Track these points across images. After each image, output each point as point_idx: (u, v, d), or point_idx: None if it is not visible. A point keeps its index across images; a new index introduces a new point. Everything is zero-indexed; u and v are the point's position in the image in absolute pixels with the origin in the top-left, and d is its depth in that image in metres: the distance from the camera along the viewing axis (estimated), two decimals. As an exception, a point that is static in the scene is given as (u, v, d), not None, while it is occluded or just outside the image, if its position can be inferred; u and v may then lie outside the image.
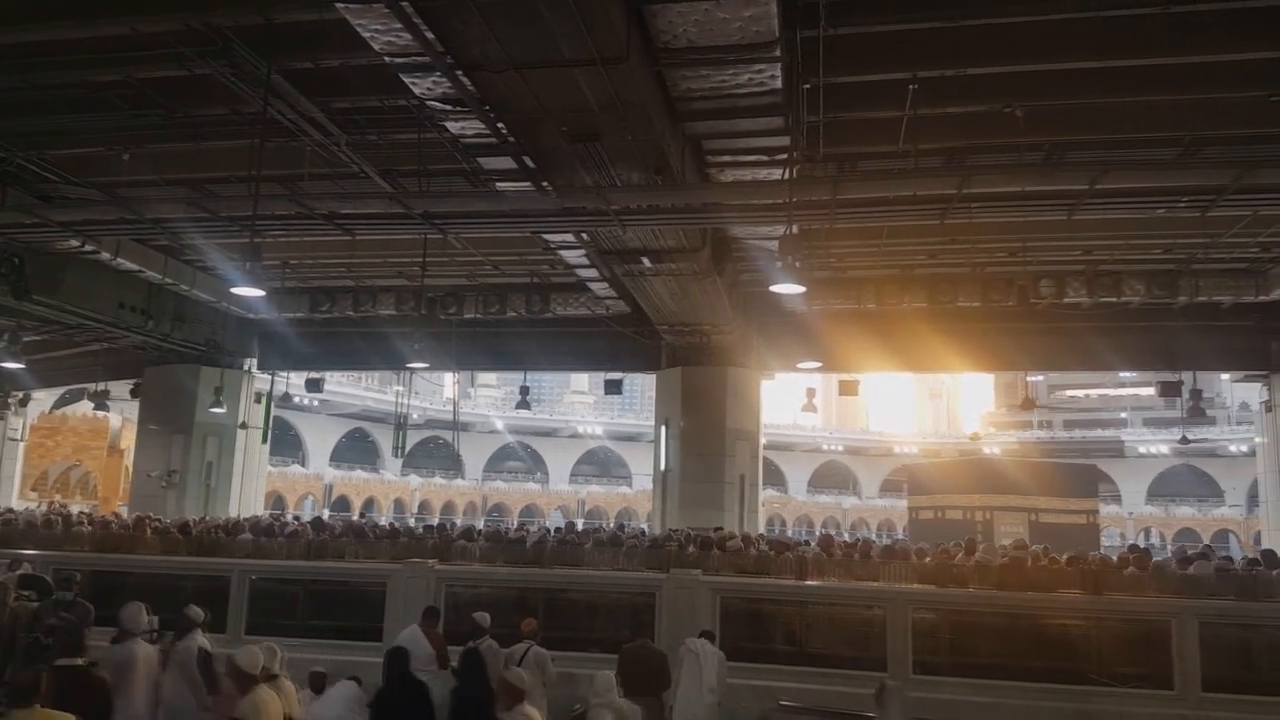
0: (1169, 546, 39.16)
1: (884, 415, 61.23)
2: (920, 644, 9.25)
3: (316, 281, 18.08)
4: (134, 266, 15.66)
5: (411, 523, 31.04)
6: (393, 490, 48.20)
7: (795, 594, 10.05)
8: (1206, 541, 42.46)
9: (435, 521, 40.13)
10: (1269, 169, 9.13)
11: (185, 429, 19.93)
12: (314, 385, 22.20)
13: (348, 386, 46.04)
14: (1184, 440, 25.33)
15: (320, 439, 48.74)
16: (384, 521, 24.47)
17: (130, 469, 22.78)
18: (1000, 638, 9.38)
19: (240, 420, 20.34)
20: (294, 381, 22.86)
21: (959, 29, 8.35)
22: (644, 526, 29.83)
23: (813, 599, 10.04)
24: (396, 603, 10.10)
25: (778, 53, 7.70)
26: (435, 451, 52.72)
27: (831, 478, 57.72)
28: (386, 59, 7.65)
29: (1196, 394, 17.51)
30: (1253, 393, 18.73)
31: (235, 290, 13.81)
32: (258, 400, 21.18)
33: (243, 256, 10.82)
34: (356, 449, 51.38)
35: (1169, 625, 8.84)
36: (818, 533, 42.60)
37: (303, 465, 47.10)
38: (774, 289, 13.15)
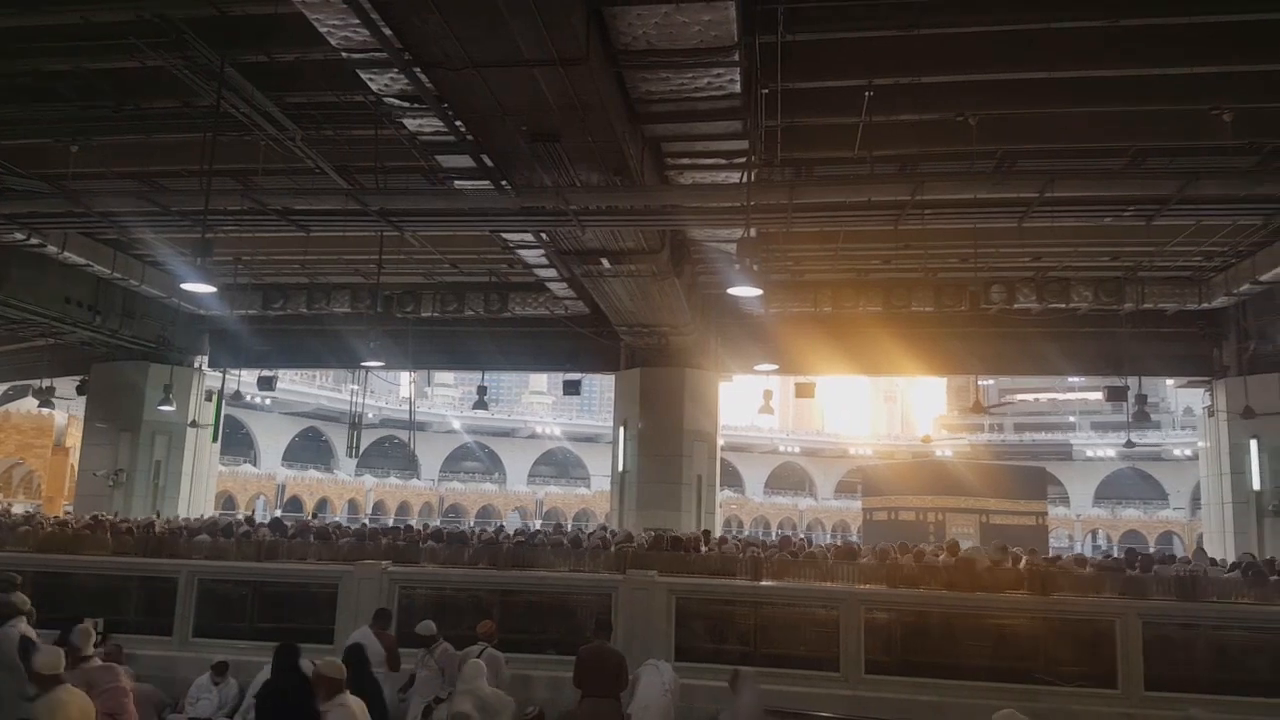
0: (1115, 548, 40.11)
1: (840, 417, 61.96)
2: (872, 643, 9.35)
3: (270, 278, 17.81)
4: (81, 261, 15.29)
5: (366, 523, 30.68)
6: (347, 490, 47.57)
7: (751, 595, 10.11)
8: (1152, 543, 43.68)
9: (395, 522, 39.70)
10: (1211, 180, 9.42)
11: (133, 427, 19.51)
12: (266, 383, 21.83)
13: (301, 385, 45.34)
14: (1129, 444, 25.99)
15: (273, 438, 47.94)
16: (336, 522, 24.13)
17: (76, 468, 22.23)
18: (950, 637, 9.52)
19: (190, 418, 19.98)
20: (246, 379, 22.47)
21: (913, 38, 8.51)
22: (608, 526, 29.78)
23: (768, 600, 10.11)
24: (348, 604, 9.97)
25: (736, 57, 7.76)
26: (391, 451, 52.14)
27: (788, 479, 58.17)
28: (344, 54, 7.57)
29: (1142, 399, 17.96)
30: (1196, 398, 19.31)
31: (186, 286, 13.57)
32: (208, 398, 20.82)
33: (194, 252, 10.64)
34: (310, 448, 50.62)
35: (1113, 625, 9.05)
36: (774, 534, 42.96)
37: (254, 465, 46.29)
38: (732, 292, 13.26)
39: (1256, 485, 16.76)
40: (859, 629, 9.30)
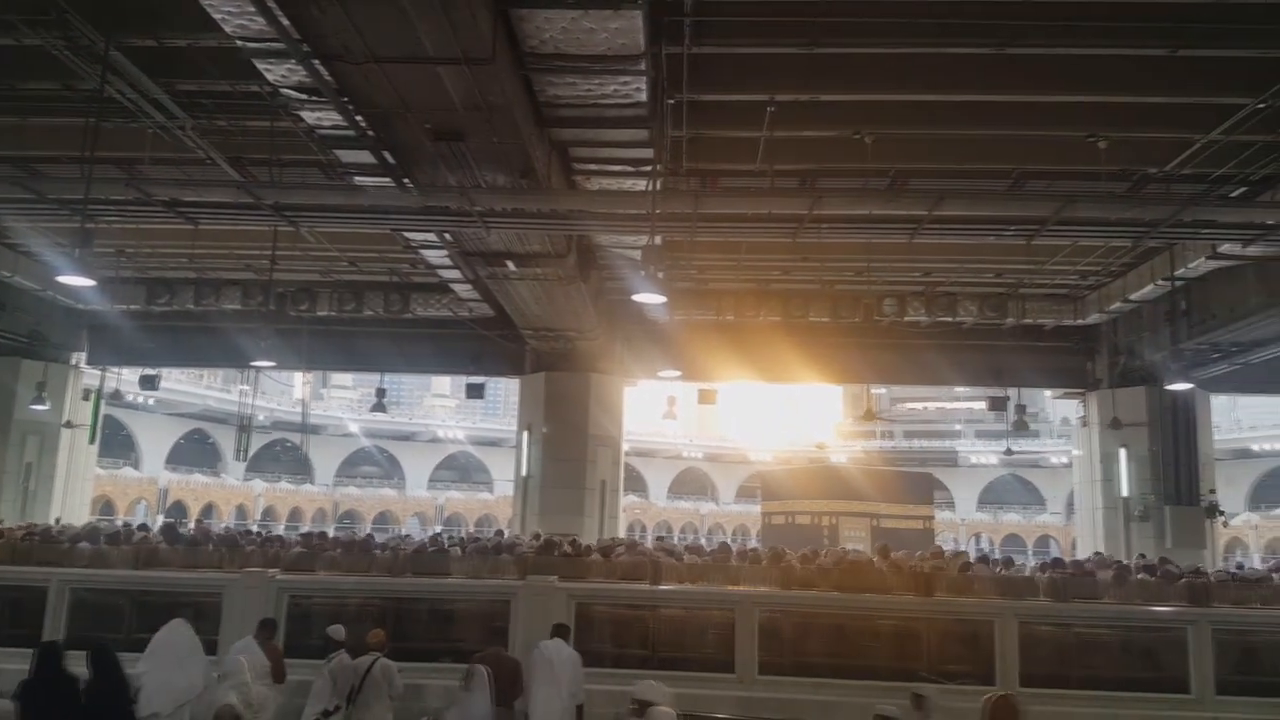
0: (997, 551, 42.00)
1: (742, 423, 62.95)
2: (766, 645, 9.55)
3: (155, 271, 16.98)
4: (-57, 248, 14.28)
5: (253, 528, 29.49)
6: (235, 495, 45.65)
7: (650, 598, 10.20)
8: (1030, 546, 45.92)
9: (286, 529, 38.36)
10: (1086, 204, 10.00)
11: (2, 428, 18.29)
12: (149, 382, 20.76)
13: (187, 384, 43.32)
14: (1009, 452, 27.34)
15: (156, 440, 45.66)
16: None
17: (-66, 470, 20.67)
18: (841, 638, 9.81)
19: (65, 418, 18.88)
20: (127, 378, 21.33)
21: (813, 56, 8.77)
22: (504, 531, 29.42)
23: (666, 603, 10.21)
24: (233, 614, 9.60)
25: (643, 66, 7.85)
26: (283, 455, 50.35)
27: (691, 484, 58.81)
28: (239, 42, 7.32)
29: (1021, 409, 18.95)
30: (1071, 409, 20.38)
31: (62, 279, 12.77)
32: (85, 397, 19.71)
33: (72, 242, 10.06)
34: (196, 451, 48.39)
35: (992, 625, 9.49)
36: (676, 538, 43.30)
37: (135, 468, 43.99)
38: (637, 298, 13.35)
39: (1124, 492, 17.84)
40: (753, 631, 9.50)
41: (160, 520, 29.97)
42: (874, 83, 9.44)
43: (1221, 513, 18.25)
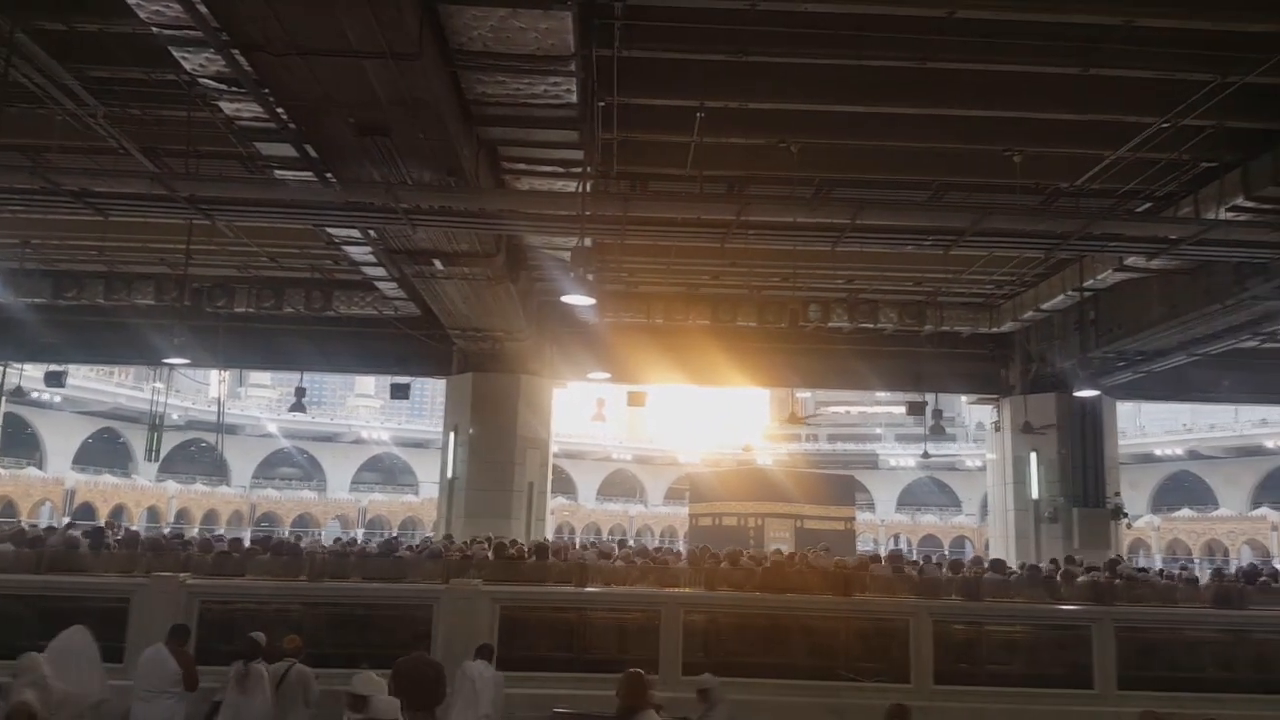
0: (915, 551, 43.11)
1: (671, 426, 63.29)
2: (690, 646, 9.61)
3: (63, 264, 16.24)
4: None
5: (167, 531, 28.47)
6: (146, 497, 43.93)
7: (575, 601, 10.17)
8: (947, 546, 47.24)
9: (201, 532, 37.08)
10: (1001, 216, 10.33)
11: (-112, 425, 17.31)
12: (55, 379, 19.86)
13: (96, 382, 41.61)
14: (926, 455, 28.11)
15: (62, 439, 43.72)
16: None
17: None
18: (764, 638, 9.93)
19: (-40, 416, 17.93)
20: (31, 374, 20.38)
21: (742, 64, 8.89)
22: (431, 536, 29.11)
23: (592, 605, 10.20)
24: (142, 620, 9.22)
25: (573, 68, 7.83)
26: (198, 456, 48.71)
27: (621, 486, 58.91)
28: (154, 29, 7.05)
29: (938, 414, 19.54)
30: (986, 414, 21.09)
31: (-41, 270, 12.17)
32: (-16, 394, 18.75)
33: (-31, 232, 9.56)
34: (105, 451, 46.48)
35: (908, 624, 9.73)
36: (607, 539, 43.25)
37: (40, 468, 42.01)
38: (566, 300, 13.32)
39: (1035, 494, 18.53)
40: (678, 632, 9.55)
41: (65, 522, 28.66)
42: (801, 92, 9.63)
43: (1126, 515, 19.12)
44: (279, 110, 8.21)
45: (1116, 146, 10.38)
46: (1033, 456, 18.54)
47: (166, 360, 17.44)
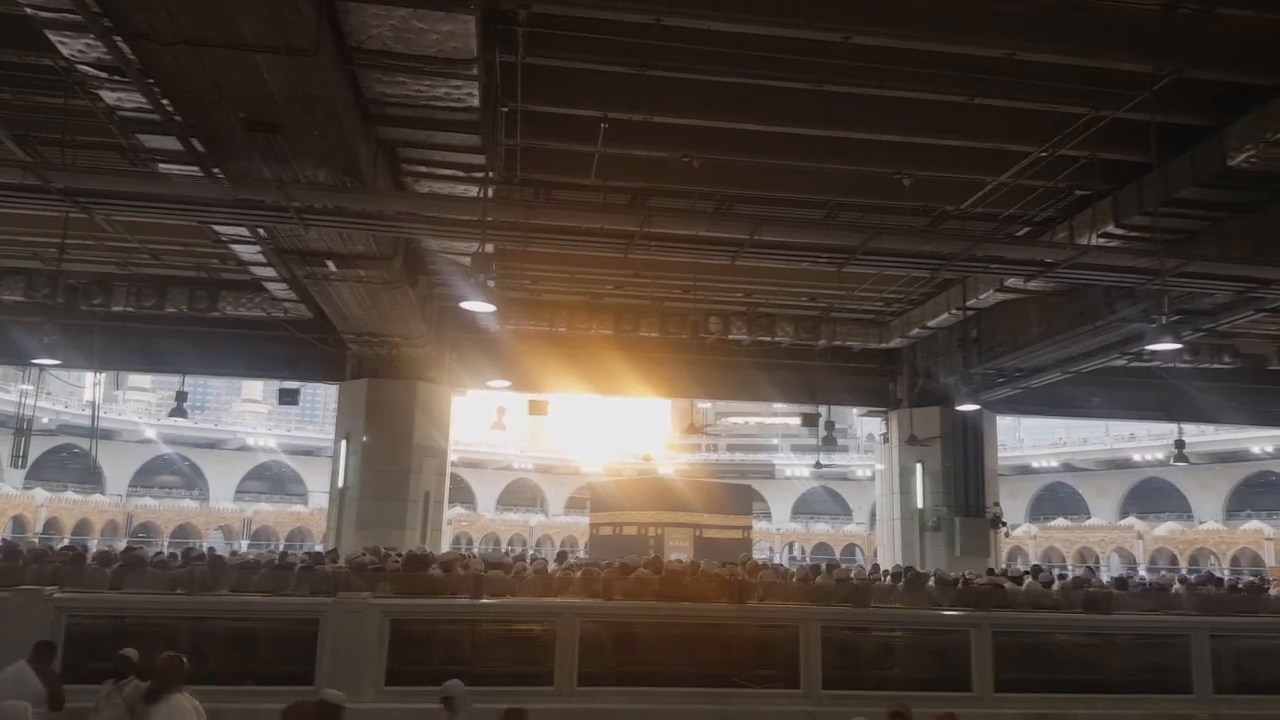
0: (808, 558, 44.15)
1: (573, 435, 63.13)
2: (587, 656, 9.58)
3: (-80, 257, 15.11)
4: None
5: (36, 541, 26.66)
6: (11, 506, 41.09)
7: (469, 613, 10.02)
8: (838, 553, 48.55)
9: (71, 542, 34.84)
10: (890, 236, 10.71)
11: None
12: (-94, 379, 18.46)
13: (-44, 383, 38.80)
14: (818, 465, 28.86)
15: (-84, 444, 40.51)
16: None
17: None
18: (658, 647, 9.99)
19: None
20: (-122, 373, 18.84)
21: (646, 78, 8.98)
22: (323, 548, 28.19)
23: (487, 617, 10.06)
24: (2, 637, 8.63)
25: (475, 72, 7.75)
26: (69, 462, 45.87)
27: (521, 495, 58.35)
28: (29, 10, 6.65)
29: (831, 425, 20.12)
30: (876, 425, 21.79)
31: None
32: None
33: None
34: (-34, 457, 43.28)
35: (798, 630, 9.94)
36: (504, 549, 42.78)
37: (-112, 475, 38.88)
38: (466, 306, 13.15)
39: (920, 504, 19.24)
40: (574, 642, 9.51)
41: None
42: (703, 109, 9.79)
43: (1005, 523, 20.05)
44: (164, 102, 7.84)
45: (999, 172, 10.93)
46: (918, 467, 19.25)
47: (35, 361, 16.37)
